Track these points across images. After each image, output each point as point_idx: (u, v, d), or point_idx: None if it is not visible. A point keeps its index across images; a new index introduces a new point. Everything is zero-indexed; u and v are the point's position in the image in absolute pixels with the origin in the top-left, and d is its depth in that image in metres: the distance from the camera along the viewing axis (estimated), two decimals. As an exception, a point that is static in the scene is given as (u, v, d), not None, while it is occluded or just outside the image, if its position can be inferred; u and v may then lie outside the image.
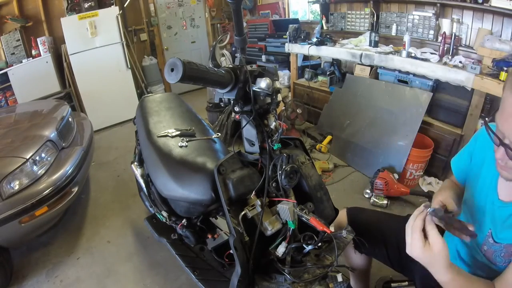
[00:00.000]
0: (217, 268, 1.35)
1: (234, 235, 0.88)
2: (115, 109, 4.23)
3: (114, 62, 4.19)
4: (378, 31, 3.03)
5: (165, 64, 0.72)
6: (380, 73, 2.82)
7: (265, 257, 0.95)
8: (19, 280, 1.88)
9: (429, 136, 2.43)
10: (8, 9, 4.00)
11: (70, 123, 2.47)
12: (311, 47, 3.26)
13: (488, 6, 2.16)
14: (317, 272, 0.91)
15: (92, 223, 2.36)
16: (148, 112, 1.70)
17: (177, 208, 1.41)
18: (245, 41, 0.91)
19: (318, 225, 0.85)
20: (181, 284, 1.75)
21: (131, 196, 2.58)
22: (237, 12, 0.84)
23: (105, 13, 3.97)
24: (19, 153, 1.81)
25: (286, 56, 3.90)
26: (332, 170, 2.72)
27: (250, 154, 1.00)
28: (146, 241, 2.10)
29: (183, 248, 1.48)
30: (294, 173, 0.91)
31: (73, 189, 1.98)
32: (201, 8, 5.48)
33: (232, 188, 0.91)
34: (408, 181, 2.45)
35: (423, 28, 2.73)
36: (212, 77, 0.79)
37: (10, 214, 1.65)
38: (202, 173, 1.16)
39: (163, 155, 1.36)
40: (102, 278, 1.85)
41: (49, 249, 2.11)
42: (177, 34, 5.37)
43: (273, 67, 0.94)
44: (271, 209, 0.95)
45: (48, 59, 4.02)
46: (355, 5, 3.44)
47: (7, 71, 3.82)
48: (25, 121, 2.34)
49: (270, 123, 0.93)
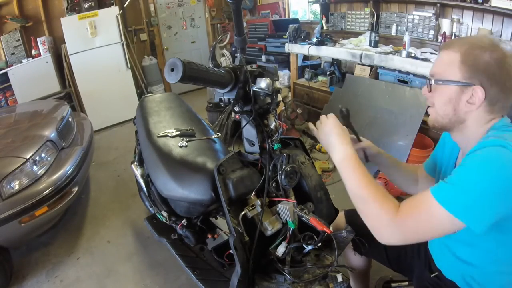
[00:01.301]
0: (217, 268, 1.35)
1: (234, 235, 0.88)
2: (115, 109, 4.23)
3: (114, 62, 4.19)
4: (378, 31, 3.03)
5: (165, 64, 0.72)
6: (380, 73, 2.81)
7: (265, 257, 0.95)
8: (19, 280, 1.88)
9: (429, 136, 2.43)
10: (8, 9, 3.99)
11: (70, 123, 2.47)
12: (311, 47, 3.26)
13: (488, 6, 2.16)
14: (317, 272, 0.91)
15: (92, 223, 2.36)
16: (148, 112, 1.70)
17: (177, 208, 1.41)
18: (245, 41, 0.91)
19: (318, 225, 0.85)
20: (181, 284, 1.75)
21: (131, 196, 2.58)
22: (237, 12, 0.84)
23: (105, 13, 3.96)
24: (19, 153, 1.81)
25: (286, 56, 3.90)
26: (332, 170, 2.72)
27: (250, 154, 1.00)
28: (146, 241, 2.10)
29: (183, 248, 1.48)
30: (294, 173, 0.91)
31: (73, 189, 1.98)
32: (201, 8, 5.48)
33: (232, 188, 0.91)
34: (408, 181, 2.45)
35: (423, 28, 2.74)
36: (212, 77, 0.79)
37: (10, 214, 1.65)
38: (202, 173, 1.16)
39: (163, 155, 1.36)
40: (102, 278, 1.85)
41: (49, 249, 2.11)
42: (177, 34, 5.37)
43: (273, 67, 0.95)
44: (271, 209, 0.95)
45: (48, 59, 4.02)
46: (355, 5, 3.45)
47: (7, 71, 3.82)
48: (25, 121, 2.34)
49: (270, 123, 0.93)
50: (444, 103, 0.77)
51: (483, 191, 0.62)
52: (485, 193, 0.61)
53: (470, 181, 0.63)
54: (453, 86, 0.74)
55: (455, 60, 0.74)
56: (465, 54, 0.72)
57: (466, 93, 0.73)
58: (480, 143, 0.69)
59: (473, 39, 0.77)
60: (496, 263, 0.78)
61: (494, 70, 0.70)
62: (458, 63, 0.73)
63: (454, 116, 0.77)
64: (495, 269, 0.78)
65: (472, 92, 0.72)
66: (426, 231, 0.68)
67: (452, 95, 0.75)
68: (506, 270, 0.78)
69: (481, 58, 0.71)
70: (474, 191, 0.62)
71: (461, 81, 0.73)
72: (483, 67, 0.71)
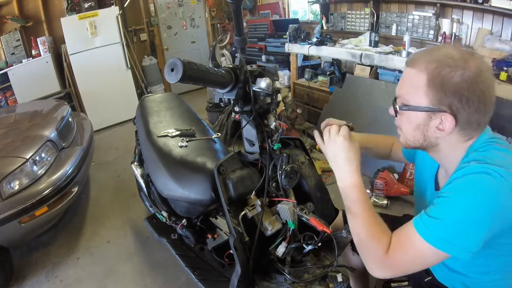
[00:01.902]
0: (217, 268, 1.35)
1: (234, 235, 0.88)
2: (115, 109, 4.23)
3: (114, 62, 4.19)
4: (378, 31, 3.03)
5: (165, 64, 0.72)
6: (380, 73, 2.81)
7: (265, 257, 0.95)
8: (19, 280, 1.87)
9: (429, 136, 2.43)
10: (8, 9, 4.00)
11: (70, 123, 2.47)
12: (311, 47, 3.26)
13: (488, 6, 2.16)
14: (317, 272, 0.91)
15: (92, 223, 2.36)
16: (148, 112, 1.70)
17: (177, 208, 1.41)
18: (245, 41, 0.91)
19: (318, 225, 0.85)
20: (181, 284, 1.75)
21: (131, 196, 2.58)
22: (237, 12, 0.84)
23: (105, 13, 3.96)
24: (19, 153, 1.81)
25: (286, 56, 3.90)
26: (332, 170, 2.72)
27: (250, 154, 1.00)
28: (146, 241, 2.10)
29: (183, 248, 1.48)
30: (294, 173, 0.91)
31: (73, 189, 1.98)
32: (201, 8, 5.48)
33: (232, 188, 0.91)
34: (408, 181, 2.45)
35: (423, 28, 2.74)
36: (212, 77, 0.79)
37: (10, 214, 1.65)
38: (202, 173, 1.16)
39: (163, 155, 1.36)
40: (102, 278, 1.85)
41: (49, 249, 2.11)
42: (177, 34, 5.37)
43: (273, 67, 0.95)
44: (271, 209, 0.95)
45: (48, 59, 4.02)
46: (355, 5, 3.45)
47: (7, 71, 3.82)
48: (25, 121, 2.34)
49: (270, 123, 0.93)
50: (412, 129, 0.71)
51: (467, 224, 0.60)
52: (469, 225, 0.60)
53: (453, 215, 0.61)
54: (420, 112, 0.68)
55: (420, 82, 0.66)
56: (432, 75, 0.64)
57: (435, 119, 0.67)
58: (462, 169, 0.65)
59: (441, 54, 0.66)
60: (488, 273, 0.77)
61: (465, 92, 0.62)
62: (424, 86, 0.65)
63: (424, 141, 0.71)
64: (487, 278, 0.78)
65: (442, 118, 0.65)
66: (413, 264, 0.67)
67: (420, 122, 0.69)
68: (498, 277, 0.77)
69: (451, 80, 0.62)
70: (458, 225, 0.60)
71: (428, 107, 0.66)
72: (453, 89, 0.62)
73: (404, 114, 0.72)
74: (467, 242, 0.61)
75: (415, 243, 0.64)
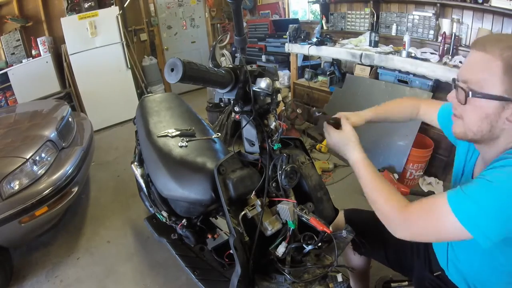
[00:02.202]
0: (217, 268, 1.35)
1: (234, 235, 0.88)
2: (115, 109, 4.23)
3: (114, 62, 4.19)
4: (378, 31, 3.03)
5: (165, 64, 0.72)
6: (380, 73, 2.81)
7: (265, 257, 0.95)
8: (19, 280, 1.88)
9: (429, 136, 2.43)
10: (8, 9, 3.99)
11: (70, 123, 2.47)
12: (311, 47, 3.26)
13: (488, 6, 2.16)
14: (317, 272, 0.91)
15: (92, 223, 2.36)
16: (148, 112, 1.70)
17: (177, 208, 1.41)
18: (245, 41, 0.91)
19: (318, 225, 0.85)
20: (181, 284, 1.75)
21: (131, 196, 2.58)
22: (237, 12, 0.84)
23: (105, 13, 3.96)
24: (19, 153, 1.81)
25: (286, 56, 3.90)
26: (332, 170, 2.72)
27: (250, 154, 1.00)
28: (146, 241, 2.10)
29: (183, 248, 1.48)
30: (294, 173, 0.91)
31: (73, 189, 1.98)
32: (201, 8, 5.48)
33: (232, 188, 0.91)
34: (408, 181, 2.45)
35: (423, 28, 2.73)
36: (212, 77, 0.79)
37: (10, 214, 1.65)
38: (202, 173, 1.16)
39: (163, 155, 1.36)
40: (102, 278, 1.85)
41: (49, 249, 2.11)
42: (177, 34, 5.37)
43: (273, 67, 0.94)
44: (271, 209, 0.95)
45: (48, 59, 4.02)
46: (355, 5, 3.44)
47: (7, 71, 3.82)
48: (25, 121, 2.34)
49: (270, 123, 0.93)
50: (479, 119, 0.67)
51: (497, 210, 0.59)
52: (499, 212, 0.59)
53: (486, 197, 0.60)
54: (493, 101, 0.64)
55: (496, 69, 0.62)
56: (509, 63, 0.61)
57: (508, 110, 0.63)
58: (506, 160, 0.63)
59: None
60: (503, 274, 0.76)
61: None
62: (500, 73, 0.62)
63: (488, 133, 0.68)
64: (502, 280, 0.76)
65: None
66: (432, 231, 0.67)
67: (490, 111, 0.65)
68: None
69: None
70: (488, 208, 0.60)
71: (504, 96, 0.63)
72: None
73: (471, 102, 0.67)
74: (492, 228, 0.60)
75: (441, 211, 0.64)
